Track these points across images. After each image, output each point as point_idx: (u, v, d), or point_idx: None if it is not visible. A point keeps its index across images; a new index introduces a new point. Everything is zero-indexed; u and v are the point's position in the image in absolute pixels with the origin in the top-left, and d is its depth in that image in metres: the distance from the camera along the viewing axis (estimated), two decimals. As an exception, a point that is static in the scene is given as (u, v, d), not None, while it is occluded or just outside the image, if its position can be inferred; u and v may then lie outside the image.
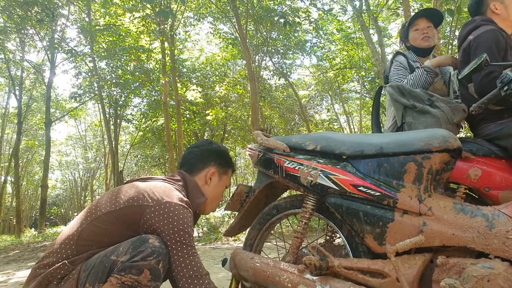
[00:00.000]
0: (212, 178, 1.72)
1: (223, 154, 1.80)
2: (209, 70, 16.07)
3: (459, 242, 1.21)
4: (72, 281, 1.34)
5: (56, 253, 1.40)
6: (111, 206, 1.44)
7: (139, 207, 1.42)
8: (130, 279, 1.28)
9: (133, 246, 1.33)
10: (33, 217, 30.14)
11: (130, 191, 1.48)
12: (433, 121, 1.74)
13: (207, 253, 6.01)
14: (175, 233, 1.40)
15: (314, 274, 1.41)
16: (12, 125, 20.94)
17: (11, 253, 7.61)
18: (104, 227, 1.42)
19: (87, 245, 1.41)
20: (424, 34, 2.35)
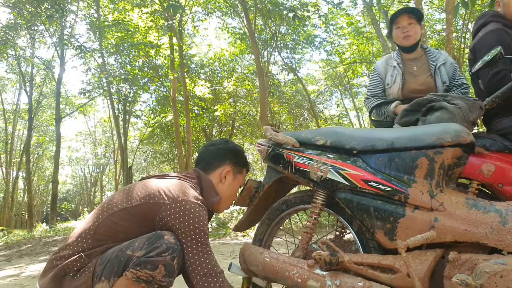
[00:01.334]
0: (226, 177, 1.73)
1: (239, 153, 1.80)
2: (217, 65, 16.05)
3: (471, 238, 1.19)
4: (88, 274, 1.37)
5: (72, 246, 1.43)
6: (127, 202, 1.46)
7: (155, 204, 1.44)
8: (145, 274, 1.31)
9: (148, 242, 1.36)
10: (45, 212, 30.59)
11: (146, 188, 1.49)
12: (449, 117, 1.70)
13: (216, 248, 6.04)
14: (190, 231, 1.41)
15: (324, 269, 1.41)
16: (23, 121, 21.20)
17: (23, 247, 7.74)
18: (120, 223, 1.44)
19: (102, 240, 1.44)
20: (405, 33, 2.38)
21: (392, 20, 2.45)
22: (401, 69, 2.39)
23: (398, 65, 2.41)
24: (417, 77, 2.38)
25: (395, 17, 2.43)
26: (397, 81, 2.37)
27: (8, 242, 8.80)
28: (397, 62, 2.43)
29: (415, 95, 2.27)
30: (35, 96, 17.22)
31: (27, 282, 4.17)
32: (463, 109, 1.73)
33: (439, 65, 2.38)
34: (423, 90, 2.32)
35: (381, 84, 2.48)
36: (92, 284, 1.36)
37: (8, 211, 19.26)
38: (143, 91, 15.06)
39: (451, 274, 1.19)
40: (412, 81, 2.36)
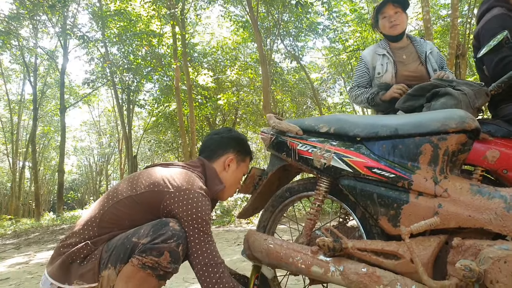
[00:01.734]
0: (230, 165, 1.74)
1: (242, 141, 1.81)
2: (220, 54, 15.97)
3: (475, 224, 1.19)
4: (95, 261, 1.39)
5: (78, 234, 1.45)
6: (132, 190, 1.48)
7: (159, 192, 1.45)
8: (151, 261, 1.33)
9: (154, 229, 1.38)
10: (51, 201, 30.92)
11: (151, 177, 1.51)
12: (454, 103, 1.68)
13: (221, 235, 6.09)
14: (193, 220, 1.42)
15: (328, 256, 1.42)
16: (28, 111, 21.30)
17: (31, 236, 7.84)
18: (125, 210, 1.46)
19: (108, 227, 1.46)
20: (391, 22, 2.39)
21: (378, 10, 2.46)
22: (392, 57, 2.40)
23: (388, 53, 2.42)
24: (407, 65, 2.39)
25: (381, 7, 2.44)
26: (389, 69, 2.37)
27: (16, 230, 8.93)
28: (386, 51, 2.43)
29: (408, 82, 2.29)
30: (39, 86, 17.25)
31: (36, 270, 4.24)
32: (468, 95, 1.71)
33: (428, 53, 2.40)
34: (416, 77, 2.34)
35: (366, 74, 2.51)
36: (98, 271, 1.38)
37: (15, 200, 19.49)
38: (147, 80, 15.05)
39: (455, 259, 1.19)
40: (403, 69, 2.37)
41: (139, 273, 1.34)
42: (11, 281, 3.60)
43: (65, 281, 1.38)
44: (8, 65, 19.42)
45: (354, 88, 2.55)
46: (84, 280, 1.37)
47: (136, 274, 1.34)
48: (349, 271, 1.34)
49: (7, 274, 4.02)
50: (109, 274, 1.37)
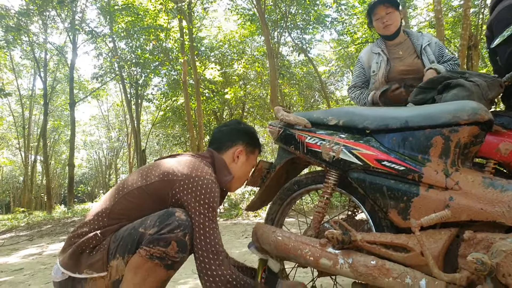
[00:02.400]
0: (239, 157, 1.74)
1: (251, 134, 1.81)
2: (227, 48, 15.92)
3: (487, 217, 1.17)
4: (103, 251, 1.41)
5: (89, 225, 1.48)
6: (142, 181, 1.50)
7: (169, 181, 1.47)
8: (158, 251, 1.34)
9: (160, 220, 1.38)
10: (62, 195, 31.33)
11: (161, 167, 1.53)
12: (466, 95, 1.65)
13: (229, 228, 6.11)
14: (201, 206, 1.43)
15: (337, 248, 1.41)
16: (39, 106, 21.51)
17: (44, 228, 7.95)
18: (135, 201, 1.48)
19: (118, 218, 1.48)
20: (384, 23, 2.43)
21: (370, 12, 2.50)
22: (386, 55, 2.45)
23: (382, 51, 2.48)
24: (403, 60, 2.43)
25: (372, 8, 2.48)
26: (382, 66, 2.44)
27: (29, 222, 9.06)
28: (381, 49, 2.49)
29: (404, 76, 2.36)
30: (50, 81, 17.39)
31: (49, 260, 4.31)
32: (481, 87, 1.68)
33: (424, 46, 2.43)
34: (411, 70, 2.38)
35: (362, 74, 2.60)
36: (107, 261, 1.40)
37: (28, 193, 19.78)
38: (154, 75, 15.08)
39: (466, 253, 1.18)
40: (399, 64, 2.42)
41: (147, 264, 1.35)
42: (25, 271, 3.67)
43: (76, 270, 1.41)
44: (19, 61, 19.63)
45: (352, 88, 2.65)
46: (93, 270, 1.40)
47: (144, 264, 1.35)
48: (358, 264, 1.33)
49: (21, 265, 4.09)
50: (117, 264, 1.39)
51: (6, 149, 26.14)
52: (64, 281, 1.44)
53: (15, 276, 3.45)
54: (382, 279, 1.28)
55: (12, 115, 22.37)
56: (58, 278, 1.45)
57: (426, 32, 13.87)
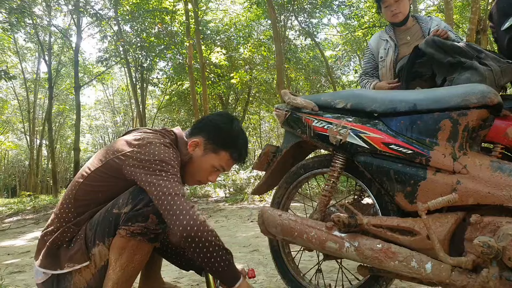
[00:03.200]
0: (195, 149, 1.57)
1: (221, 131, 1.58)
2: (233, 31, 15.78)
3: (494, 201, 1.17)
4: (80, 241, 1.38)
5: (58, 219, 1.43)
6: (98, 163, 1.43)
7: (122, 155, 1.39)
8: (138, 227, 1.32)
9: (132, 196, 1.35)
10: (68, 179, 31.64)
11: (114, 145, 1.46)
12: (478, 80, 1.64)
13: (234, 212, 6.17)
14: (151, 163, 1.34)
15: (343, 231, 1.42)
16: (44, 90, 21.54)
17: (50, 211, 8.05)
18: (95, 183, 1.42)
19: (84, 205, 1.43)
20: (393, 11, 2.43)
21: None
22: (394, 41, 2.49)
23: (390, 38, 2.51)
24: (411, 45, 2.41)
25: None
26: (390, 53, 2.48)
27: (35, 206, 9.17)
28: (389, 35, 2.53)
29: None
30: (54, 65, 17.38)
31: (55, 244, 4.37)
32: (494, 72, 1.66)
33: (432, 29, 2.42)
34: None
35: (372, 61, 2.62)
36: (87, 250, 1.37)
37: (34, 177, 20.00)
38: (160, 59, 15.01)
39: (473, 236, 1.18)
40: (406, 49, 2.42)
41: (130, 242, 1.33)
42: (31, 254, 3.73)
43: (57, 267, 1.38)
44: (23, 44, 19.59)
45: (361, 76, 2.68)
46: (74, 262, 1.36)
47: (127, 243, 1.33)
48: (364, 247, 1.34)
49: (28, 248, 4.17)
50: (99, 251, 1.36)
51: (11, 133, 26.33)
52: (47, 281, 1.40)
53: (21, 259, 3.52)
54: (387, 262, 1.29)
55: (17, 98, 22.45)
56: (40, 279, 1.41)
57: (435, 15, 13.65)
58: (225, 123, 1.60)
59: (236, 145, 1.60)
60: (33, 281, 2.55)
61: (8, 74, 10.58)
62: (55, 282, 1.39)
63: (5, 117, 23.48)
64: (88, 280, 1.38)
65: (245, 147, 1.63)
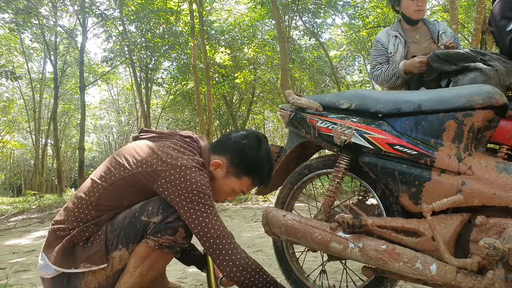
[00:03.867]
0: (217, 169, 1.51)
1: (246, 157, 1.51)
2: (237, 31, 15.78)
3: (500, 202, 1.16)
4: (100, 242, 1.35)
5: (75, 217, 1.38)
6: (124, 171, 1.38)
7: (152, 172, 1.35)
8: (167, 240, 1.32)
9: (163, 206, 1.35)
10: (73, 178, 31.79)
11: (143, 154, 1.40)
12: (483, 80, 1.63)
13: (238, 212, 6.17)
14: (192, 194, 1.32)
15: (347, 232, 1.42)
16: (49, 89, 21.65)
17: (54, 210, 8.10)
18: (121, 192, 1.38)
19: (106, 210, 1.40)
20: (418, 7, 2.41)
21: None
22: (403, 38, 2.48)
23: (400, 34, 2.50)
24: (420, 44, 2.48)
25: None
26: (400, 49, 2.47)
27: (40, 205, 9.23)
28: (398, 32, 2.52)
29: None
30: (60, 65, 17.46)
31: (60, 243, 4.39)
32: (499, 72, 1.66)
33: (441, 33, 2.47)
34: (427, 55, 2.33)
35: (384, 53, 2.57)
36: (106, 252, 1.34)
37: (39, 176, 20.09)
38: (164, 58, 15.05)
39: (478, 238, 1.17)
40: (416, 48, 2.45)
41: (154, 252, 1.34)
42: (36, 253, 3.75)
43: (71, 266, 1.35)
44: (29, 44, 19.69)
45: (375, 66, 2.58)
46: (91, 263, 1.34)
47: (152, 253, 1.34)
48: (368, 248, 1.34)
49: (33, 247, 4.19)
50: (121, 255, 1.35)
51: (17, 132, 26.49)
52: (57, 277, 1.37)
53: (26, 258, 3.54)
54: (392, 263, 1.29)
55: (22, 98, 22.57)
56: (50, 274, 1.37)
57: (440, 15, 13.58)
58: (251, 149, 1.51)
59: (260, 172, 1.54)
60: (38, 280, 2.56)
61: (14, 74, 10.64)
62: (66, 279, 1.36)
63: (11, 117, 23.62)
64: (101, 281, 1.36)
65: (269, 173, 1.56)
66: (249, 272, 1.32)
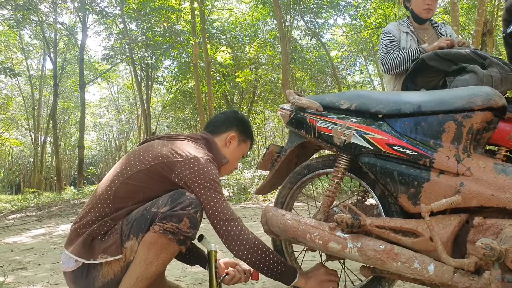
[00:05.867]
0: (231, 142, 1.80)
1: (246, 124, 1.88)
2: (238, 30, 15.79)
3: (498, 203, 1.17)
4: (116, 235, 1.45)
5: (94, 212, 1.50)
6: (141, 164, 1.52)
7: (169, 163, 1.51)
8: (171, 226, 1.39)
9: (171, 199, 1.44)
10: (72, 176, 31.79)
11: (158, 149, 1.56)
12: (475, 83, 1.65)
13: (238, 211, 6.18)
14: (206, 182, 1.49)
15: (346, 232, 1.42)
16: (49, 87, 21.65)
17: (53, 209, 8.10)
18: (137, 184, 1.51)
19: (123, 202, 1.51)
20: (428, 5, 2.42)
21: None
22: (416, 36, 2.47)
23: (411, 31, 2.50)
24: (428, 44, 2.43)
25: None
26: (413, 46, 2.44)
27: (39, 203, 9.23)
28: (410, 29, 2.51)
29: None
30: (59, 62, 17.46)
31: (59, 240, 4.40)
32: (494, 79, 1.68)
33: (448, 35, 2.49)
34: None
35: (396, 42, 2.50)
36: (121, 243, 1.44)
37: (38, 174, 20.10)
38: (165, 57, 15.05)
39: (475, 238, 1.18)
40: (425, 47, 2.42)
41: (160, 239, 1.40)
42: (34, 251, 3.76)
43: (90, 257, 1.44)
44: (28, 41, 19.68)
45: (388, 52, 2.46)
46: (108, 254, 1.43)
47: (158, 240, 1.40)
48: (367, 248, 1.34)
49: (31, 245, 4.19)
50: (132, 245, 1.43)
51: (16, 129, 26.48)
52: (78, 270, 1.47)
53: (24, 256, 3.54)
54: (390, 263, 1.29)
55: (22, 95, 22.58)
56: (71, 267, 1.47)
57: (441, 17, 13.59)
58: (244, 117, 1.91)
59: (251, 132, 1.92)
60: (36, 278, 2.57)
61: (13, 71, 10.65)
62: (85, 271, 1.46)
63: (10, 114, 23.62)
64: (116, 272, 1.46)
65: None
66: (257, 251, 1.46)
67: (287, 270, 1.52)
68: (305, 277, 1.57)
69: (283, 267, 1.51)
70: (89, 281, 1.46)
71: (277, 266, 1.49)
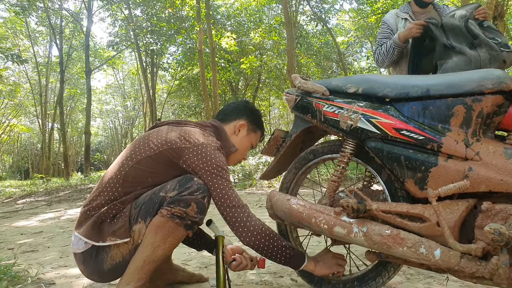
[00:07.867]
0: (240, 130, 1.80)
1: (257, 114, 1.88)
2: (243, 16, 15.62)
3: (508, 188, 1.15)
4: (125, 218, 1.47)
5: (103, 196, 1.52)
6: (150, 150, 1.54)
7: (177, 149, 1.52)
8: (179, 211, 1.41)
9: (179, 184, 1.45)
10: (79, 162, 32.09)
11: (167, 135, 1.57)
12: (464, 64, 1.66)
13: (243, 198, 6.18)
14: (214, 169, 1.49)
15: (351, 217, 1.41)
16: (55, 73, 21.68)
17: (61, 194, 8.20)
18: (146, 169, 1.53)
19: (132, 186, 1.53)
20: None
21: None
22: (413, 21, 2.45)
23: (410, 17, 2.49)
24: None
25: None
26: None
27: (47, 188, 9.33)
28: (408, 15, 2.51)
29: None
30: (65, 49, 17.44)
31: (67, 224, 4.47)
32: (482, 59, 1.69)
33: None
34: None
35: (390, 36, 2.56)
36: (129, 227, 1.46)
37: (46, 160, 20.30)
38: (170, 43, 14.96)
39: (483, 224, 1.16)
40: None
41: (168, 223, 1.42)
42: (44, 234, 3.81)
43: (99, 239, 1.46)
44: (34, 27, 19.65)
45: (379, 48, 2.59)
46: (116, 236, 1.46)
47: (165, 224, 1.42)
48: (372, 232, 1.34)
49: (40, 228, 4.25)
50: (140, 228, 1.45)
51: (23, 116, 26.68)
52: (87, 251, 1.49)
53: (34, 239, 3.59)
54: (396, 248, 1.28)
55: (29, 82, 22.66)
56: (81, 249, 1.50)
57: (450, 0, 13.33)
58: (255, 108, 1.92)
59: (262, 122, 1.91)
60: (45, 260, 2.60)
61: (20, 58, 10.66)
62: (94, 253, 1.49)
63: (17, 100, 23.75)
64: (124, 254, 1.48)
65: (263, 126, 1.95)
66: (264, 237, 1.47)
67: (295, 255, 1.53)
68: (313, 261, 1.57)
69: (291, 251, 1.52)
70: (98, 262, 1.49)
71: (285, 251, 1.50)
